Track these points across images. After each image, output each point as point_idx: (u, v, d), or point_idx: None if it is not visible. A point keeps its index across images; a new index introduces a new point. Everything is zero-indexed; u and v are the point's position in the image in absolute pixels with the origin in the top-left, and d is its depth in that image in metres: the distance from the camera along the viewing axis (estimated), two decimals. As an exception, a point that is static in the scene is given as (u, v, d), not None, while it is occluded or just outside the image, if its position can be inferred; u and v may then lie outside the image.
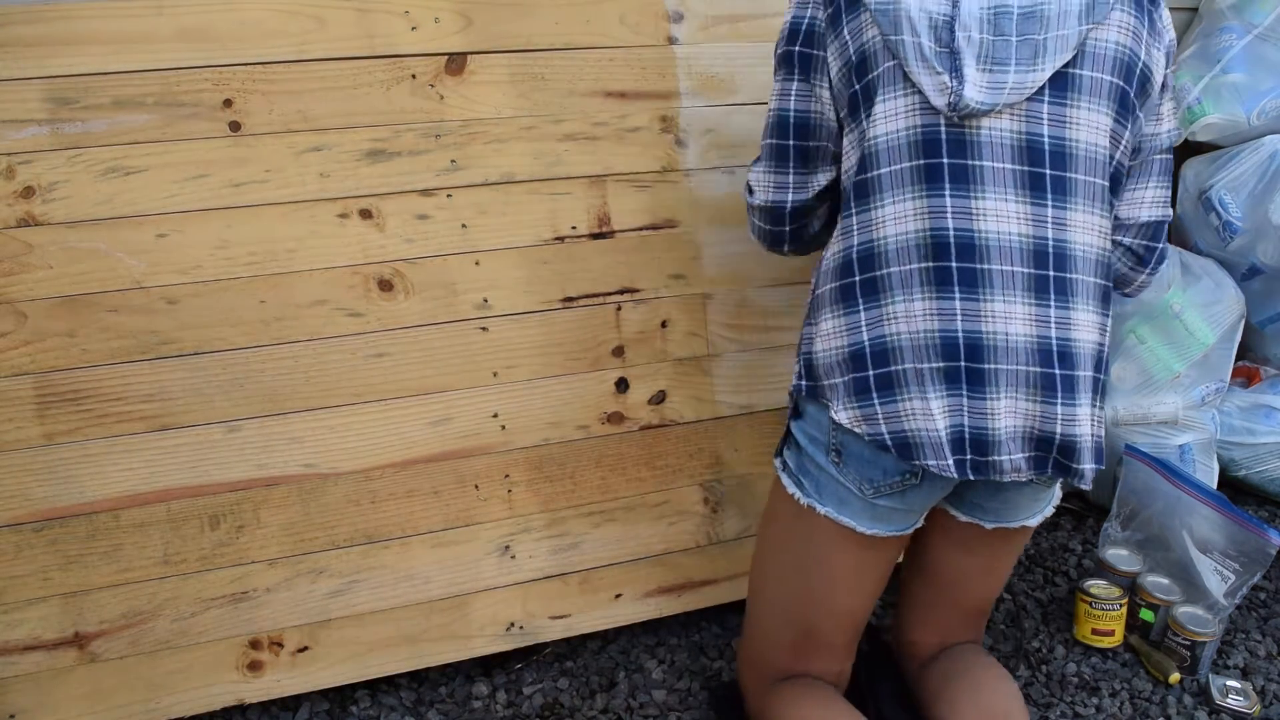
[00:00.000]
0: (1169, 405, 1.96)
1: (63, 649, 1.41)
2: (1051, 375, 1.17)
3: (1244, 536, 1.61)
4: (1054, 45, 1.15)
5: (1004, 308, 1.16)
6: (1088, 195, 1.19)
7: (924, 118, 1.17)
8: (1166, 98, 1.28)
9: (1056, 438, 1.18)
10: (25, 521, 1.39)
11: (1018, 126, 1.16)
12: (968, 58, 1.15)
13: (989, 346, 1.16)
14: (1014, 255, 1.16)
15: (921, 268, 1.17)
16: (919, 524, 1.32)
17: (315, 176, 1.49)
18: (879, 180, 1.20)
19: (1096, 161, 1.19)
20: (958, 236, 1.16)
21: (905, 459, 1.18)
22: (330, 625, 1.50)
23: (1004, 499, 1.29)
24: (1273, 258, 1.98)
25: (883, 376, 1.19)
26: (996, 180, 1.16)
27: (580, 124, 1.61)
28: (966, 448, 1.17)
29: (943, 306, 1.16)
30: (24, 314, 1.38)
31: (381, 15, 1.52)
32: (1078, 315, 1.19)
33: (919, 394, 1.17)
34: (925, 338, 1.17)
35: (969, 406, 1.17)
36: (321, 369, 1.49)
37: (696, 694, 1.56)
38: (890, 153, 1.19)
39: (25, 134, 1.39)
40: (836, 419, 1.21)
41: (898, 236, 1.18)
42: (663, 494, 1.64)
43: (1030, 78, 1.15)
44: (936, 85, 1.15)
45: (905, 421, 1.18)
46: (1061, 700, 1.56)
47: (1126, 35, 1.19)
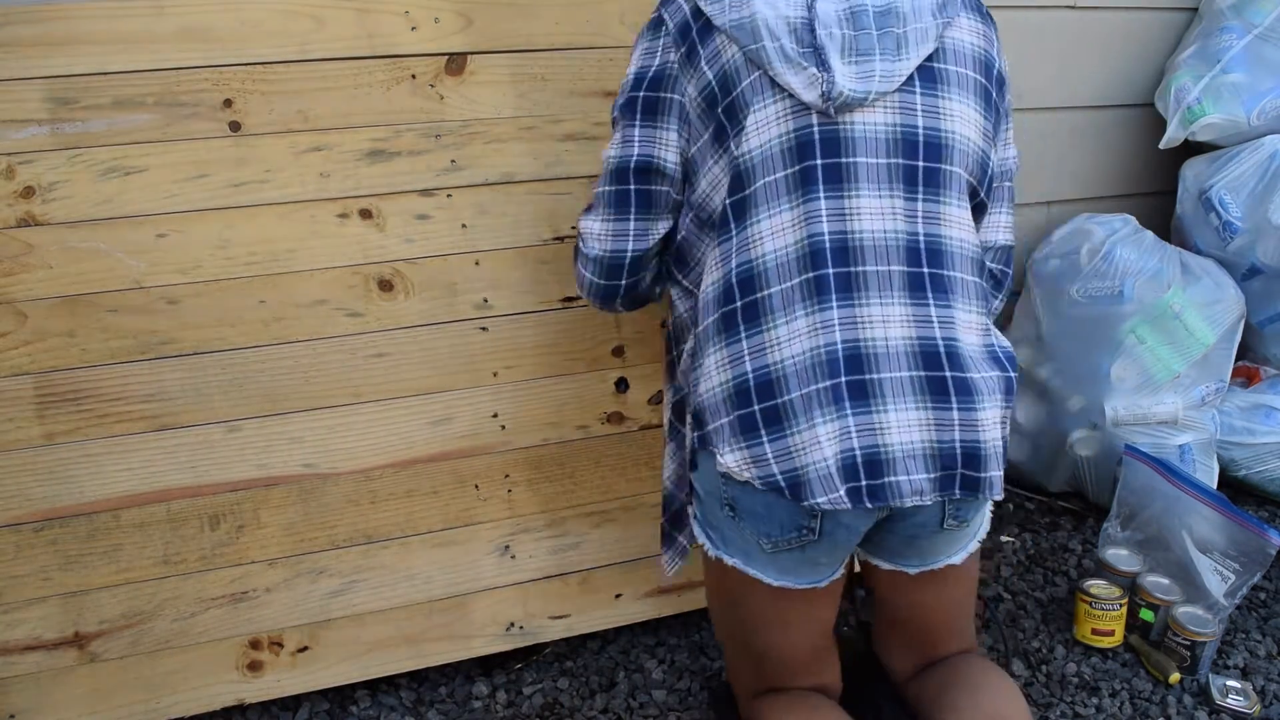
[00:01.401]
0: (1169, 405, 1.96)
1: (63, 649, 1.41)
2: (941, 379, 1.11)
3: (1244, 536, 1.61)
4: (914, 37, 1.14)
5: (880, 311, 1.11)
6: (960, 190, 1.17)
7: (796, 120, 1.13)
8: (1010, 123, 1.28)
9: (956, 447, 1.11)
10: (25, 521, 1.39)
11: (891, 119, 1.13)
12: (832, 52, 1.12)
13: (868, 355, 1.11)
14: (889, 254, 1.12)
15: (802, 280, 1.12)
16: (838, 575, 1.25)
17: (315, 176, 1.49)
18: (754, 196, 1.15)
19: (970, 155, 1.17)
20: (833, 240, 1.12)
21: (797, 499, 1.10)
22: (330, 625, 1.50)
23: (919, 546, 1.23)
24: (1273, 258, 1.98)
25: (769, 411, 1.12)
26: (870, 176, 1.13)
27: (580, 124, 1.61)
28: (860, 472, 1.09)
29: (823, 319, 1.11)
30: (24, 314, 1.38)
31: (381, 15, 1.52)
32: (959, 315, 1.14)
33: (807, 424, 1.10)
34: (809, 358, 1.11)
35: (856, 426, 1.09)
36: (321, 369, 1.49)
37: (696, 694, 1.57)
38: (765, 164, 1.15)
39: (25, 134, 1.39)
40: (724, 465, 1.14)
41: (776, 252, 1.14)
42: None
43: (897, 66, 1.13)
44: (806, 80, 1.12)
45: (796, 458, 1.10)
46: (1061, 700, 1.56)
47: (979, 38, 1.20)
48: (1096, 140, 2.28)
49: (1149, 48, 2.22)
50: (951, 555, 1.26)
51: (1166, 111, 2.07)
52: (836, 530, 1.15)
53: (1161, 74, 2.18)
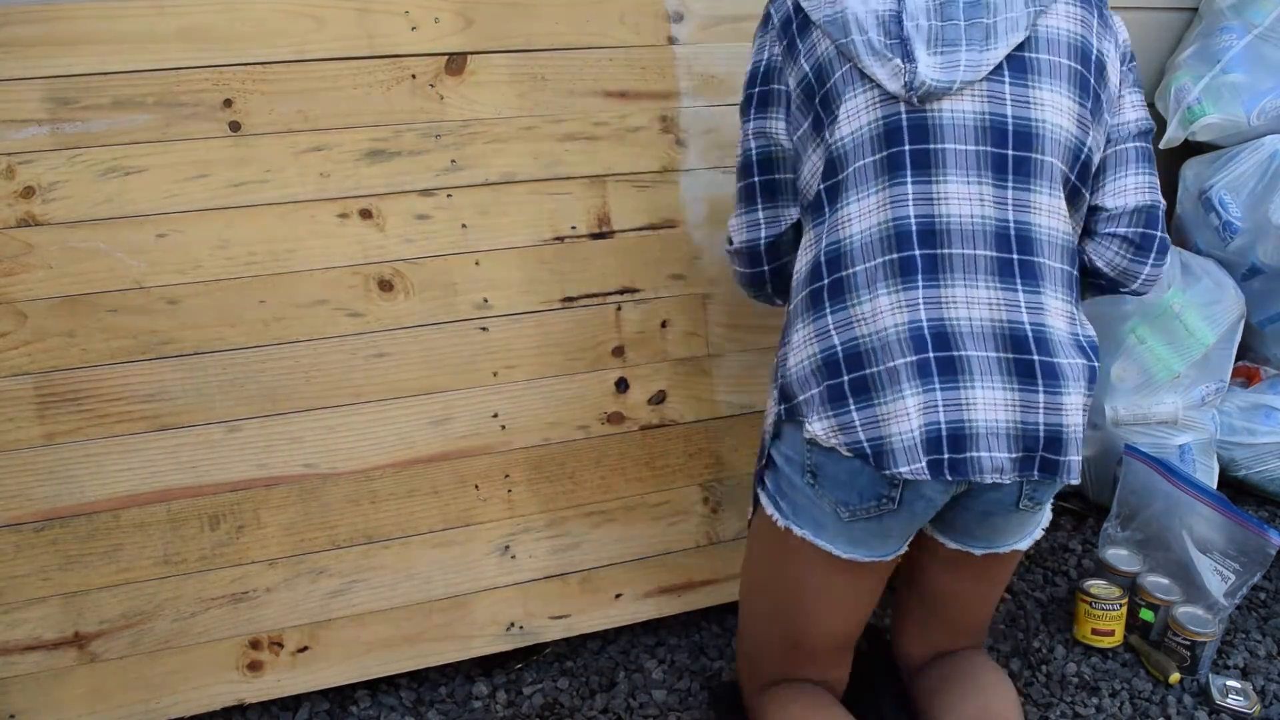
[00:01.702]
0: (1169, 405, 1.96)
1: (63, 649, 1.41)
2: (1029, 361, 1.13)
3: (1244, 536, 1.61)
4: (1003, 27, 1.15)
5: (965, 293, 1.14)
6: (1051, 178, 1.17)
7: (885, 109, 1.17)
8: (1128, 90, 1.29)
9: (1040, 429, 1.14)
10: (25, 521, 1.39)
11: (980, 107, 1.15)
12: (918, 43, 1.15)
13: (954, 333, 1.13)
14: (976, 238, 1.14)
15: (886, 261, 1.15)
16: (902, 550, 1.28)
17: (315, 176, 1.49)
18: (846, 180, 1.19)
19: (1062, 145, 1.18)
20: (919, 223, 1.15)
21: (879, 467, 1.13)
22: (330, 625, 1.50)
23: (991, 524, 1.25)
24: (1273, 258, 1.98)
25: (858, 381, 1.15)
26: (959, 162, 1.15)
27: (580, 124, 1.61)
28: (943, 445, 1.12)
29: (908, 298, 1.14)
30: (24, 314, 1.38)
31: (381, 15, 1.52)
32: (1048, 301, 1.16)
33: (894, 395, 1.13)
34: (895, 333, 1.14)
35: (944, 400, 1.12)
36: (321, 369, 1.49)
37: (696, 694, 1.56)
38: (855, 150, 1.18)
39: (25, 134, 1.39)
40: (811, 431, 1.17)
41: (863, 233, 1.17)
42: (663, 494, 1.64)
43: (984, 57, 1.14)
44: (890, 71, 1.15)
45: (882, 427, 1.13)
46: (1061, 700, 1.56)
47: (1076, 23, 1.20)
48: (1096, 140, 2.28)
49: (1149, 48, 2.22)
50: (1018, 539, 1.29)
51: (1166, 111, 2.07)
52: (916, 501, 1.17)
53: (1161, 74, 2.18)
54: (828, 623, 1.31)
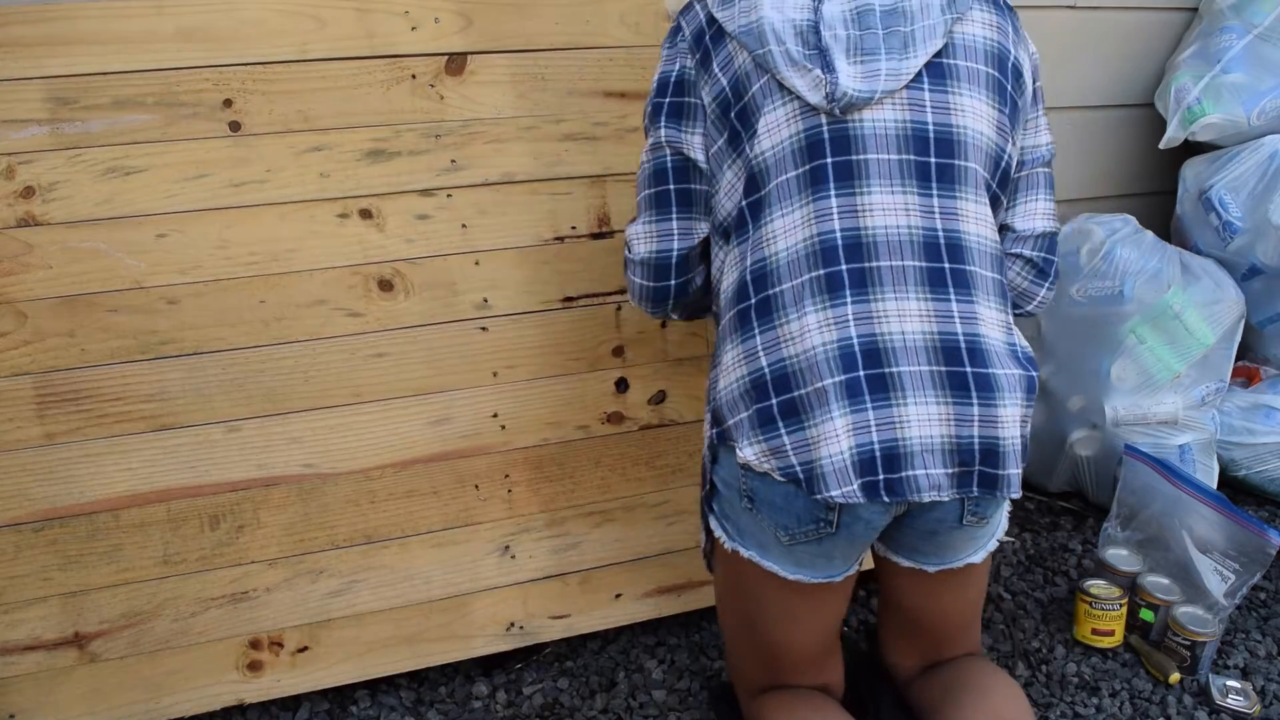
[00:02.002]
0: (1169, 405, 1.96)
1: (63, 649, 1.41)
2: (962, 374, 1.11)
3: (1244, 536, 1.61)
4: (921, 34, 1.15)
5: (896, 306, 1.12)
6: (977, 185, 1.16)
7: (805, 121, 1.15)
8: (1040, 109, 1.28)
9: (975, 443, 1.11)
10: (25, 521, 1.39)
11: (901, 115, 1.14)
12: (837, 53, 1.13)
13: (886, 349, 1.11)
14: (904, 249, 1.12)
15: (812, 277, 1.13)
16: (851, 571, 1.25)
17: (315, 176, 1.49)
18: (769, 196, 1.17)
19: (984, 151, 1.17)
20: (845, 237, 1.12)
21: (811, 492, 1.11)
22: (330, 625, 1.50)
23: (938, 542, 1.23)
24: (1273, 258, 1.98)
25: (786, 403, 1.12)
26: (882, 172, 1.13)
27: (580, 124, 1.61)
28: (877, 466, 1.10)
29: (836, 315, 1.12)
30: (24, 314, 1.38)
31: (381, 15, 1.52)
32: (981, 311, 1.14)
33: (823, 417, 1.10)
34: (823, 352, 1.11)
35: (876, 419, 1.10)
36: (321, 369, 1.49)
37: (696, 694, 1.56)
38: (777, 165, 1.16)
39: (25, 134, 1.39)
40: (743, 457, 1.15)
41: (788, 249, 1.15)
42: (663, 494, 1.64)
43: (904, 65, 1.13)
44: (810, 82, 1.13)
45: (812, 450, 1.10)
46: (1061, 700, 1.56)
47: (992, 30, 1.20)
48: (1096, 140, 2.28)
49: (1149, 48, 2.22)
50: (971, 554, 1.27)
51: (1166, 111, 2.07)
52: (854, 524, 1.15)
53: (1161, 74, 2.18)
54: (794, 638, 1.29)
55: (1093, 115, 2.26)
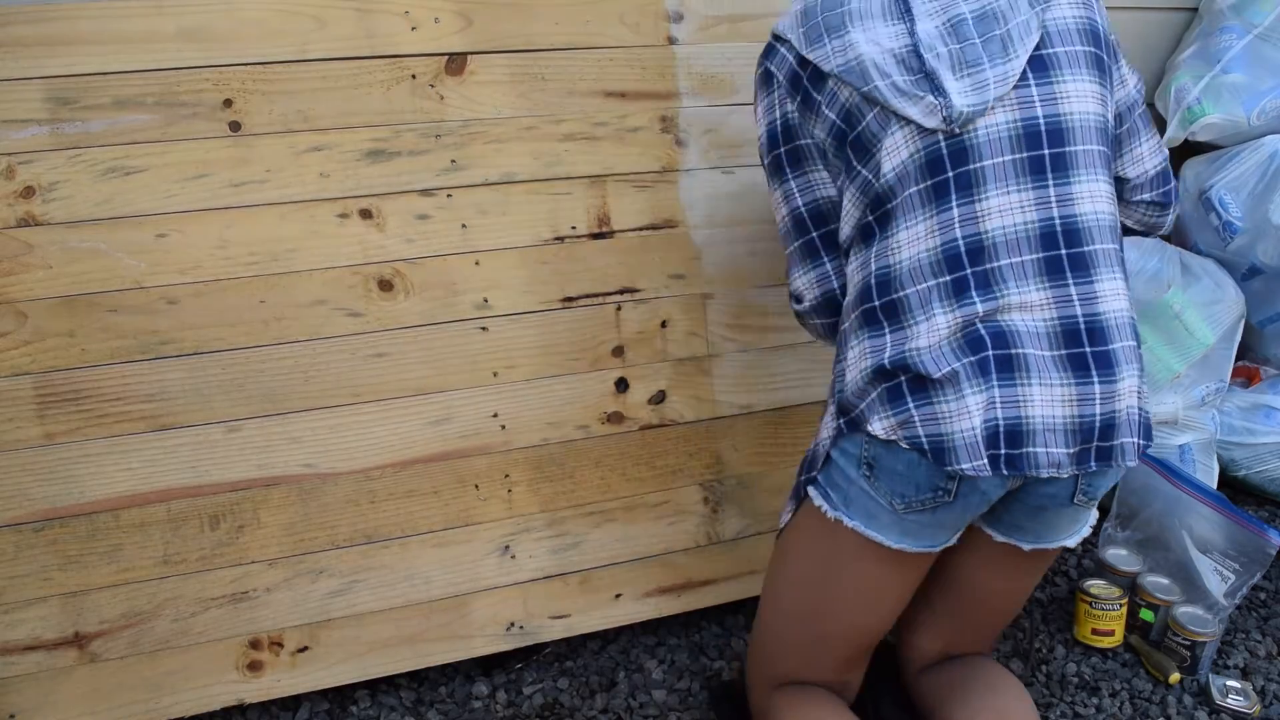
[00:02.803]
0: (1169, 405, 1.96)
1: (63, 649, 1.41)
2: (1082, 355, 1.15)
3: (1244, 536, 1.61)
4: (1018, 33, 1.17)
5: (1019, 299, 1.15)
6: (1089, 164, 1.19)
7: (924, 139, 1.18)
8: (1120, 56, 1.32)
9: (1096, 420, 1.15)
10: (25, 521, 1.39)
11: (1012, 116, 1.17)
12: (944, 73, 1.16)
13: (1012, 333, 1.14)
14: (1021, 245, 1.16)
15: (939, 283, 1.17)
16: (951, 541, 1.27)
17: (315, 176, 1.49)
18: (894, 210, 1.21)
19: (1094, 129, 1.20)
20: (967, 244, 1.16)
21: (940, 463, 1.14)
22: (330, 625, 1.50)
23: (1043, 519, 1.25)
24: (1273, 258, 1.98)
25: (915, 381, 1.16)
26: (998, 176, 1.17)
27: (580, 124, 1.61)
28: (1000, 441, 1.13)
29: (964, 314, 1.15)
30: (24, 314, 1.38)
31: (381, 15, 1.52)
32: (1101, 286, 1.17)
33: (955, 394, 1.14)
34: (950, 344, 1.15)
35: (1002, 397, 1.13)
36: (321, 369, 1.49)
37: (696, 694, 1.56)
38: (901, 182, 1.19)
39: (25, 134, 1.39)
40: (872, 430, 1.18)
41: (912, 258, 1.19)
42: (663, 494, 1.64)
43: (1008, 68, 1.16)
44: (925, 110, 1.17)
45: (942, 424, 1.14)
46: (1061, 700, 1.56)
47: (1079, 7, 1.22)
48: (1096, 140, 2.28)
49: (1149, 48, 2.22)
50: (1068, 535, 1.29)
51: (1166, 111, 2.07)
52: (972, 494, 1.18)
53: (1161, 74, 2.18)
54: (861, 617, 1.31)
55: (1093, 115, 2.25)
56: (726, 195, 1.67)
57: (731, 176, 1.68)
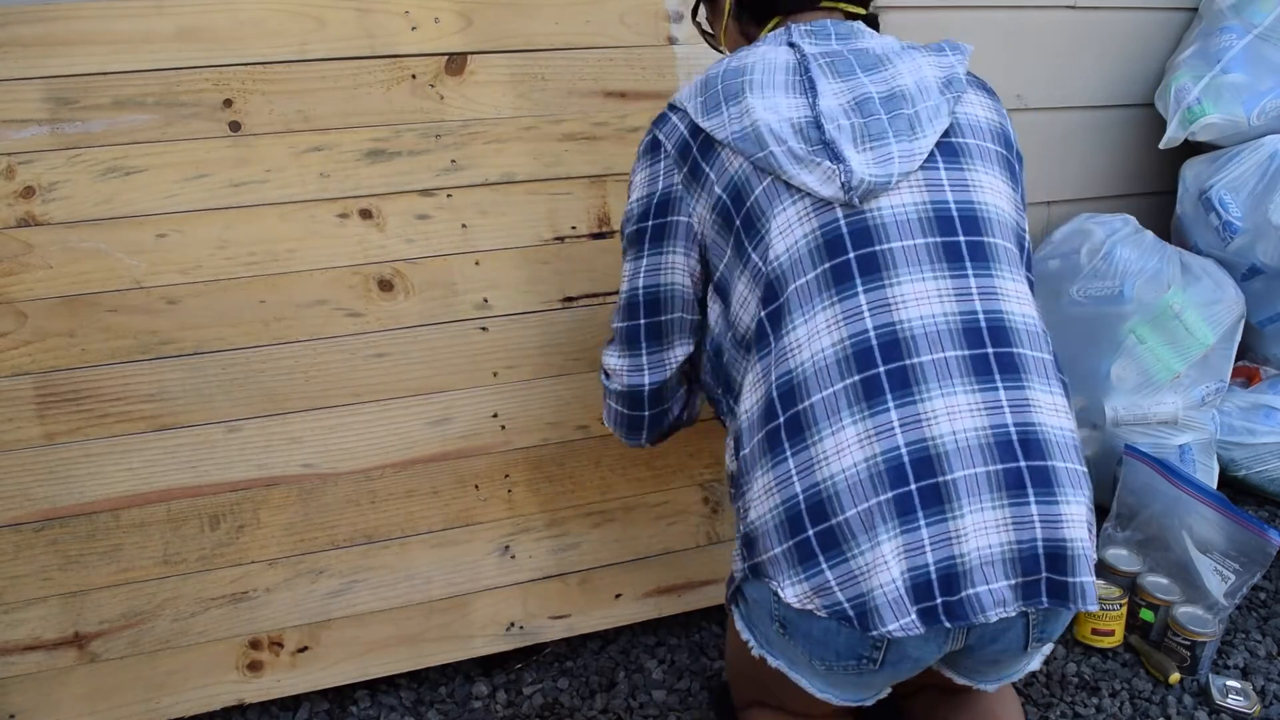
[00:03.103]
0: (1169, 405, 1.96)
1: (63, 649, 1.41)
2: (1017, 470, 1.01)
3: (1244, 536, 1.61)
4: (926, 114, 1.09)
5: (944, 403, 1.01)
6: (1010, 261, 1.09)
7: (821, 217, 1.07)
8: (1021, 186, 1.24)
9: (1039, 547, 1.00)
10: (25, 521, 1.39)
11: (920, 197, 1.07)
12: (843, 143, 1.07)
13: (938, 455, 1.00)
14: (943, 339, 1.03)
15: (847, 385, 1.03)
16: (884, 694, 1.16)
17: (315, 176, 1.49)
18: (786, 303, 1.07)
19: (1008, 227, 1.11)
20: (880, 335, 1.03)
21: (865, 628, 1.00)
22: (330, 625, 1.50)
23: (1000, 665, 1.13)
24: (1273, 258, 1.98)
25: (825, 533, 1.01)
26: (910, 260, 1.05)
27: (580, 124, 1.61)
28: (934, 589, 0.99)
29: (879, 424, 1.01)
30: (24, 314, 1.38)
31: (381, 15, 1.52)
32: (1035, 395, 1.04)
33: (869, 543, 0.99)
34: (867, 469, 1.00)
35: (930, 537, 0.99)
36: (321, 369, 1.49)
37: (696, 694, 1.56)
38: (793, 268, 1.07)
39: (25, 134, 1.39)
40: (784, 597, 1.04)
41: (814, 357, 1.04)
42: (663, 494, 1.64)
43: (915, 145, 1.07)
44: (822, 176, 1.06)
45: (861, 583, 0.99)
46: (1061, 700, 1.56)
47: (992, 112, 1.16)
48: (1096, 140, 2.28)
49: (1149, 48, 2.22)
50: (1030, 663, 1.19)
51: (1166, 111, 2.07)
52: (901, 661, 1.05)
53: (1161, 74, 2.18)
54: (811, 711, 1.24)
55: (1093, 115, 2.26)
56: (726, 195, 1.67)
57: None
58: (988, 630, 1.03)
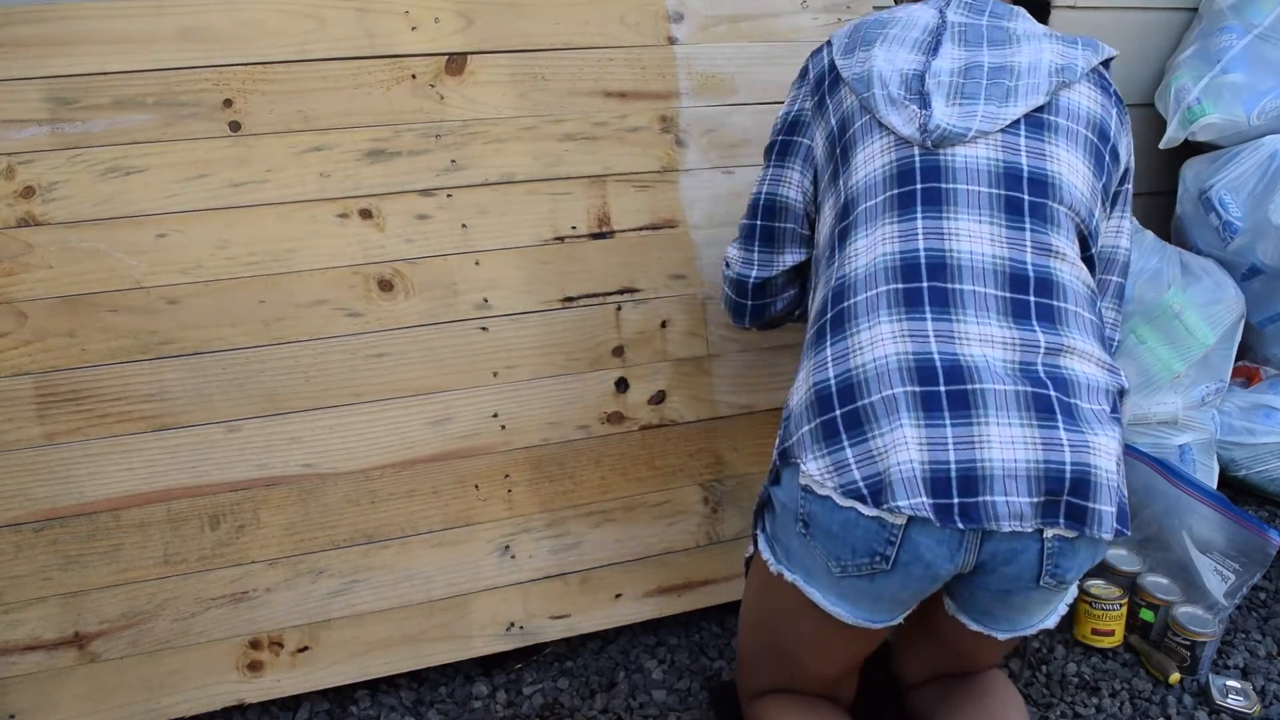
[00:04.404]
0: (1169, 405, 1.96)
1: (63, 649, 1.41)
2: (1046, 397, 1.03)
3: (1244, 536, 1.61)
4: (1025, 90, 1.17)
5: (978, 330, 1.06)
6: (1069, 231, 1.14)
7: (899, 151, 1.17)
8: (1125, 211, 1.28)
9: (1066, 470, 1.01)
10: (25, 521, 1.39)
11: (994, 154, 1.14)
12: (936, 95, 1.17)
13: (969, 368, 1.04)
14: (987, 276, 1.09)
15: (890, 290, 1.10)
16: (896, 621, 1.16)
17: (315, 176, 1.49)
18: (855, 220, 1.18)
19: (1078, 202, 1.15)
20: (929, 256, 1.10)
21: (877, 503, 1.02)
22: (330, 625, 1.50)
23: (1011, 604, 1.13)
24: (1273, 258, 1.98)
25: (850, 414, 1.06)
26: (971, 202, 1.12)
27: (580, 124, 1.61)
28: (952, 488, 1.00)
29: (914, 328, 1.07)
30: (24, 314, 1.38)
31: (381, 15, 1.52)
32: (1072, 343, 1.07)
33: (891, 425, 1.03)
34: (896, 361, 1.05)
35: (954, 436, 1.01)
36: (321, 369, 1.49)
37: (696, 694, 1.56)
38: (867, 191, 1.18)
39: (25, 134, 1.39)
40: (806, 473, 1.08)
41: (868, 264, 1.13)
42: (663, 494, 1.64)
43: (1002, 111, 1.15)
44: (905, 117, 1.17)
45: (879, 461, 1.03)
46: (1061, 700, 1.56)
47: (1097, 105, 1.21)
48: (1096, 140, 2.28)
49: (1149, 48, 2.22)
50: (1045, 619, 1.19)
51: (1166, 111, 2.07)
52: (912, 564, 1.05)
53: (1161, 74, 2.18)
54: (820, 665, 1.26)
55: (1093, 115, 2.25)
56: (727, 195, 1.67)
57: (732, 176, 1.68)
58: (1000, 549, 1.04)
